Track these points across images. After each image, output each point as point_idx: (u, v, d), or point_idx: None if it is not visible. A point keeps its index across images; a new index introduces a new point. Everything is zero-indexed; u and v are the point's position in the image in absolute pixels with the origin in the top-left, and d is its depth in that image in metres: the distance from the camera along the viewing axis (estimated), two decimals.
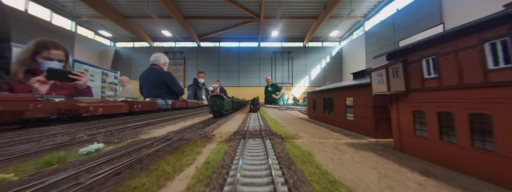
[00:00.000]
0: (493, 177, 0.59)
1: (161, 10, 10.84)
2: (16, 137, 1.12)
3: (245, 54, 14.95)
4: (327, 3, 10.81)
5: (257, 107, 3.28)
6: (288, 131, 1.39)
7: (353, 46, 13.78)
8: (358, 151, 0.91)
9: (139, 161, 0.69)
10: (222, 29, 13.34)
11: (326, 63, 15.12)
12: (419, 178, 0.61)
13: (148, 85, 3.96)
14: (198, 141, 1.02)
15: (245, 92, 12.71)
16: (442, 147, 0.75)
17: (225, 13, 11.58)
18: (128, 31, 12.80)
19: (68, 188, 0.47)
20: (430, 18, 8.51)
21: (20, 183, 0.52)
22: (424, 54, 0.81)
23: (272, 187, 0.48)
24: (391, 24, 10.96)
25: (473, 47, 0.64)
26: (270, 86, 8.84)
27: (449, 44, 0.72)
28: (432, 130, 0.79)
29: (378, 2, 11.48)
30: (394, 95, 0.94)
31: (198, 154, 0.82)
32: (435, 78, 0.77)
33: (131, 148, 0.85)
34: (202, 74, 7.62)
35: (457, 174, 0.65)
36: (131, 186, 0.49)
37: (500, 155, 0.58)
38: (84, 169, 0.60)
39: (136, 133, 1.25)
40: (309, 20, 12.24)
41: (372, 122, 1.21)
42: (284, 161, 0.67)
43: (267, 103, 8.55)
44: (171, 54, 14.17)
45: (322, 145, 1.02)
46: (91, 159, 0.70)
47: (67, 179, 0.53)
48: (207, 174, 0.59)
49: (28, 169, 0.64)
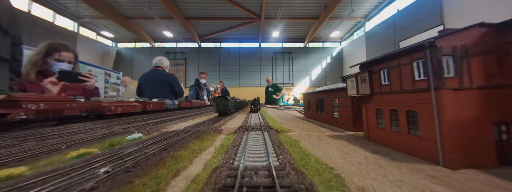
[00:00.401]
0: (417, 153, 0.89)
1: (162, 11, 11.15)
2: (65, 130, 1.43)
3: (246, 54, 15.28)
4: (327, 4, 11.07)
5: (257, 107, 3.32)
6: (283, 127, 1.70)
7: (354, 46, 14.05)
8: (334, 140, 1.21)
9: (174, 143, 1.00)
10: (223, 30, 13.66)
11: (326, 63, 15.42)
12: (367, 154, 0.92)
13: (155, 86, 4.26)
14: (211, 133, 1.33)
15: (246, 92, 13.00)
16: (391, 135, 1.05)
17: (226, 13, 11.90)
18: (130, 31, 13.15)
19: (140, 155, 0.78)
20: (431, 19, 8.74)
21: (104, 153, 0.82)
22: (382, 67, 1.12)
23: (267, 156, 0.79)
24: (392, 25, 11.17)
25: (408, 64, 0.95)
26: (270, 86, 9.09)
27: (395, 61, 1.02)
28: (386, 123, 1.09)
29: (379, 3, 11.70)
30: (363, 97, 1.25)
31: (213, 141, 1.13)
32: (388, 85, 1.08)
33: (163, 136, 1.16)
34: (203, 74, 7.92)
35: (396, 152, 0.95)
36: (178, 155, 0.80)
37: (422, 138, 0.89)
38: (141, 147, 0.91)
39: (158, 128, 1.56)
40: (309, 20, 12.53)
41: (351, 119, 1.51)
42: (276, 144, 0.98)
43: (267, 103, 8.82)
44: (172, 54, 14.53)
45: (308, 136, 1.32)
46: (139, 143, 1.00)
47: (135, 151, 0.84)
48: (224, 150, 0.89)
49: (98, 149, 0.94)
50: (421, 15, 9.17)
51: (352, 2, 10.74)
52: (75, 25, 12.64)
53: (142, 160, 0.72)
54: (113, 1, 10.95)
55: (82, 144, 1.02)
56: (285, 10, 11.17)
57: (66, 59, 2.57)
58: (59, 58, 2.51)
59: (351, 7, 10.87)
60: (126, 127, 1.55)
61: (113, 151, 0.86)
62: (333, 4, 10.36)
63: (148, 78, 4.34)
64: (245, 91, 14.11)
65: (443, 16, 8.34)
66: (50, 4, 11.22)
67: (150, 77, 4.36)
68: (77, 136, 1.19)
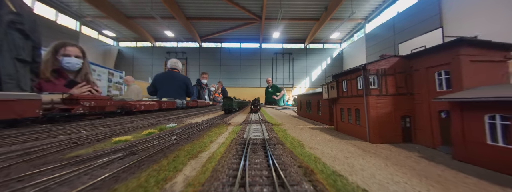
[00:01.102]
0: (358, 135, 1.45)
1: (164, 11, 11.65)
2: (118, 121, 1.99)
3: (247, 54, 15.85)
4: (328, 5, 11.53)
5: (258, 107, 3.41)
6: (277, 122, 2.26)
7: (354, 48, 14.60)
8: (311, 130, 1.77)
9: (201, 129, 1.56)
10: (224, 30, 14.21)
11: (326, 64, 15.99)
12: (327, 136, 1.48)
13: (171, 86, 4.83)
14: (223, 124, 1.89)
15: (246, 93, 13.53)
16: (347, 125, 1.61)
17: (227, 14, 12.44)
18: (131, 31, 13.70)
19: (186, 133, 1.34)
20: (430, 21, 9.09)
21: (164, 132, 1.38)
22: (343, 78, 1.68)
23: (262, 135, 1.35)
24: (392, 27, 11.59)
25: (355, 78, 1.51)
26: (270, 87, 9.55)
27: (349, 75, 1.58)
28: (346, 118, 1.65)
29: (379, 5, 12.15)
30: (332, 99, 1.81)
31: (226, 129, 1.70)
32: (346, 91, 1.64)
33: (190, 126, 1.73)
34: (205, 75, 8.47)
35: (349, 136, 1.52)
36: (207, 134, 1.37)
37: (361, 126, 1.44)
38: (183, 130, 1.47)
39: (181, 121, 2.13)
40: (310, 21, 13.05)
41: (328, 115, 2.08)
42: (269, 130, 1.54)
43: (267, 103, 9.29)
44: (173, 54, 15.11)
45: (293, 127, 1.88)
46: (177, 129, 1.56)
47: (182, 132, 1.40)
48: (235, 132, 1.46)
49: (156, 130, 1.50)
50: (420, 17, 9.60)
51: (353, 3, 11.19)
52: (77, 24, 13.20)
53: (189, 136, 1.28)
54: (115, 0, 11.44)
55: (141, 128, 1.59)
56: (286, 11, 11.62)
57: (73, 53, 2.79)
58: (65, 52, 2.76)
59: (352, 9, 11.29)
60: (158, 120, 2.12)
61: (167, 132, 1.42)
62: (333, 6, 10.86)
63: (166, 78, 4.91)
64: (246, 91, 14.65)
65: (442, 19, 8.73)
66: (53, 3, 11.75)
67: (168, 77, 4.92)
68: (131, 125, 1.75)
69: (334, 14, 11.53)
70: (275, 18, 11.80)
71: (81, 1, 11.24)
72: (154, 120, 2.07)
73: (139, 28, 13.76)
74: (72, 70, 2.83)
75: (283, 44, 16.05)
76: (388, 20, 11.60)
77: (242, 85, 15.83)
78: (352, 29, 14.48)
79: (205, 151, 0.97)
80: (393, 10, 11.73)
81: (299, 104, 3.30)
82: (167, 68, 5.36)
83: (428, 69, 1.21)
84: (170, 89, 4.79)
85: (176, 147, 1.00)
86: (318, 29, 13.16)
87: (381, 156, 0.98)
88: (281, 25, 12.59)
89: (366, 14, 12.90)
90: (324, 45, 16.28)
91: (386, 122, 1.33)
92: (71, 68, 2.78)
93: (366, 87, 1.35)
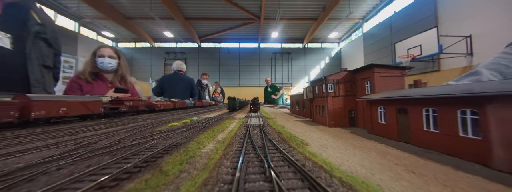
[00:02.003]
0: (323, 123, 2.29)
1: (163, 12, 12.31)
2: (152, 115, 2.80)
3: (245, 54, 16.67)
4: (326, 5, 12.24)
5: (257, 107, 3.54)
6: (272, 116, 3.09)
7: (352, 47, 15.42)
8: (295, 121, 2.61)
9: (217, 120, 2.39)
10: (223, 30, 14.97)
11: (325, 63, 16.82)
12: (303, 124, 2.33)
13: (178, 87, 5.64)
14: (231, 118, 2.72)
15: (245, 92, 14.29)
16: (319, 117, 2.45)
17: (226, 14, 13.16)
18: (130, 31, 14.44)
19: (210, 122, 2.18)
20: (426, 21, 9.51)
21: (194, 122, 2.21)
22: (316, 84, 2.51)
23: (259, 123, 2.18)
24: (389, 26, 12.16)
25: (321, 85, 2.34)
26: (269, 87, 10.35)
27: (318, 83, 2.42)
28: (319, 112, 2.49)
29: (376, 5, 12.82)
30: (310, 99, 2.65)
31: (234, 121, 2.53)
32: (318, 93, 2.47)
33: (207, 119, 2.55)
34: (206, 75, 9.27)
35: (319, 125, 2.36)
36: (223, 122, 2.20)
37: (324, 117, 2.28)
38: (206, 121, 2.30)
39: (199, 116, 2.95)
40: (308, 21, 13.81)
41: (309, 111, 2.92)
42: (264, 121, 2.38)
43: (266, 103, 10.09)
44: (173, 54, 15.89)
45: (283, 120, 2.72)
46: (201, 121, 2.38)
47: (206, 121, 2.23)
48: (241, 122, 2.29)
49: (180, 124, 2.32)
50: (416, 17, 10.12)
51: (350, 3, 11.86)
52: (76, 25, 13.93)
53: (212, 123, 2.11)
54: (114, 1, 12.10)
55: (174, 120, 2.41)
56: (284, 12, 12.28)
57: (106, 53, 3.31)
58: (100, 53, 3.31)
59: (349, 9, 11.98)
60: (181, 115, 2.94)
61: (195, 122, 2.24)
62: (331, 6, 11.56)
63: (173, 80, 5.70)
64: (245, 91, 15.45)
65: (437, 19, 9.15)
66: (51, 4, 12.42)
67: (175, 79, 5.72)
68: (165, 118, 2.58)
69: (332, 14, 12.21)
70: (273, 18, 12.47)
71: (80, 2, 11.91)
72: (177, 115, 2.89)
73: (138, 29, 14.50)
74: (107, 70, 3.38)
75: (281, 43, 16.86)
76: (385, 19, 12.25)
77: (241, 85, 16.63)
78: (350, 28, 15.28)
79: (225, 130, 1.79)
80: (390, 10, 12.37)
81: (291, 103, 4.16)
82: (173, 69, 6.16)
83: (362, 79, 2.04)
84: (177, 90, 5.58)
85: (208, 127, 1.83)
86: (316, 29, 13.90)
87: (325, 132, 1.81)
88: (279, 25, 13.31)
89: (363, 14, 13.64)
90: (322, 45, 17.11)
91: (339, 114, 2.16)
92: (104, 68, 3.33)
93: (326, 91, 2.18)
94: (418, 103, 1.26)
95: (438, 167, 0.89)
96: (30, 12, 2.41)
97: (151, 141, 1.30)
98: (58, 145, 1.24)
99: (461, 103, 1.00)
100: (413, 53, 8.22)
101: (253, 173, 0.79)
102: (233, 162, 0.92)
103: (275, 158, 0.99)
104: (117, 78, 3.53)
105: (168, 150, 1.11)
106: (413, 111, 1.30)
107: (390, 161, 0.98)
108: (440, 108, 1.12)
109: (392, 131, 1.48)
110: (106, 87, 3.37)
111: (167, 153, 1.04)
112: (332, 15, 12.40)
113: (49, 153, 1.06)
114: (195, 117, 2.54)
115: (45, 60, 2.81)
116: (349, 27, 15.08)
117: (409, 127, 1.33)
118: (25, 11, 2.35)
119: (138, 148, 1.12)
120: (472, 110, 0.95)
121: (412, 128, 1.30)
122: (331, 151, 1.16)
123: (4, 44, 2.09)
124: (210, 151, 1.09)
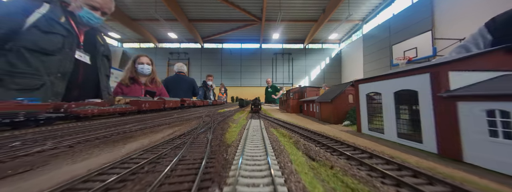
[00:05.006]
0: (289, 112, 2.88)
1: (167, 13, 12.82)
2: (173, 113, 3.35)
3: (247, 55, 17.21)
4: (325, 7, 12.59)
5: (258, 107, 3.33)
6: (266, 111, 3.64)
7: (352, 48, 15.87)
8: (279, 112, 3.22)
9: (234, 113, 2.95)
10: (225, 31, 15.51)
11: (325, 64, 17.31)
12: (281, 113, 2.92)
13: (181, 88, 6.15)
14: (243, 110, 3.29)
15: (246, 92, 14.79)
16: (287, 109, 3.17)
17: (228, 16, 13.66)
18: (135, 32, 15.03)
19: (228, 114, 2.74)
20: (422, 23, 9.92)
21: (229, 111, 2.77)
22: (287, 93, 3.11)
23: (259, 117, 2.72)
24: (387, 28, 12.43)
25: (289, 93, 2.99)
26: (270, 87, 10.83)
27: (290, 91, 3.08)
28: (287, 106, 3.08)
29: (376, 7, 13.18)
30: (284, 100, 3.24)
31: (245, 111, 3.09)
32: (289, 97, 3.08)
33: (231, 110, 3.12)
34: (210, 77, 9.76)
35: (288, 113, 3.07)
36: (241, 111, 2.81)
37: (289, 108, 2.83)
38: (231, 111, 2.86)
39: (215, 111, 3.49)
40: (309, 23, 14.23)
41: (298, 108, 3.49)
42: (262, 114, 2.94)
43: (267, 102, 10.59)
44: (176, 54, 16.48)
45: (272, 111, 3.28)
46: (230, 110, 2.96)
47: (226, 114, 2.79)
48: (248, 113, 2.86)
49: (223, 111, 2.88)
50: (414, 19, 10.48)
51: (350, 5, 12.19)
52: None
53: (231, 115, 2.68)
54: (120, 3, 12.61)
55: (199, 114, 2.96)
56: (285, 13, 12.69)
57: (144, 61, 4.00)
58: (139, 61, 3.98)
59: (348, 11, 12.34)
60: (215, 108, 3.57)
61: (227, 111, 2.82)
62: (331, 8, 11.96)
63: (175, 81, 6.21)
64: (246, 90, 15.96)
65: (434, 21, 9.58)
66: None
67: (177, 80, 6.24)
68: (208, 110, 3.17)
69: (332, 16, 12.53)
70: (274, 19, 12.92)
71: None
72: (214, 109, 3.68)
73: (142, 30, 15.09)
74: (144, 75, 4.09)
75: (282, 44, 17.35)
76: (384, 21, 12.63)
77: (243, 85, 17.16)
78: (350, 30, 15.71)
79: (243, 113, 2.36)
80: (389, 12, 12.69)
81: (279, 101, 5.04)
82: (175, 71, 6.66)
83: (304, 91, 2.75)
84: (180, 90, 6.09)
85: (237, 111, 2.46)
86: (316, 30, 14.34)
87: (286, 114, 2.99)
88: (280, 26, 13.78)
89: (363, 16, 14.05)
90: (323, 45, 17.59)
91: (295, 107, 3.08)
92: (144, 73, 4.05)
93: (288, 97, 2.81)
94: (309, 102, 2.46)
95: (301, 117, 2.48)
96: (97, 36, 3.02)
97: (218, 115, 2.62)
98: (183, 114, 2.73)
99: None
100: (409, 55, 8.62)
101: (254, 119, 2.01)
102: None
103: (262, 117, 2.40)
104: (149, 80, 4.18)
105: (228, 116, 2.43)
106: (307, 104, 2.83)
107: (291, 117, 2.78)
108: (307, 103, 2.23)
109: (307, 112, 3.03)
110: (140, 89, 4.06)
111: (228, 117, 2.37)
112: (332, 16, 12.75)
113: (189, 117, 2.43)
114: (225, 109, 3.26)
115: (107, 72, 3.41)
116: (349, 28, 15.52)
117: (305, 109, 2.88)
118: (94, 36, 2.97)
119: (216, 117, 2.41)
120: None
121: (305, 109, 2.97)
122: (281, 116, 2.79)
123: (87, 61, 2.74)
124: (239, 119, 2.39)
